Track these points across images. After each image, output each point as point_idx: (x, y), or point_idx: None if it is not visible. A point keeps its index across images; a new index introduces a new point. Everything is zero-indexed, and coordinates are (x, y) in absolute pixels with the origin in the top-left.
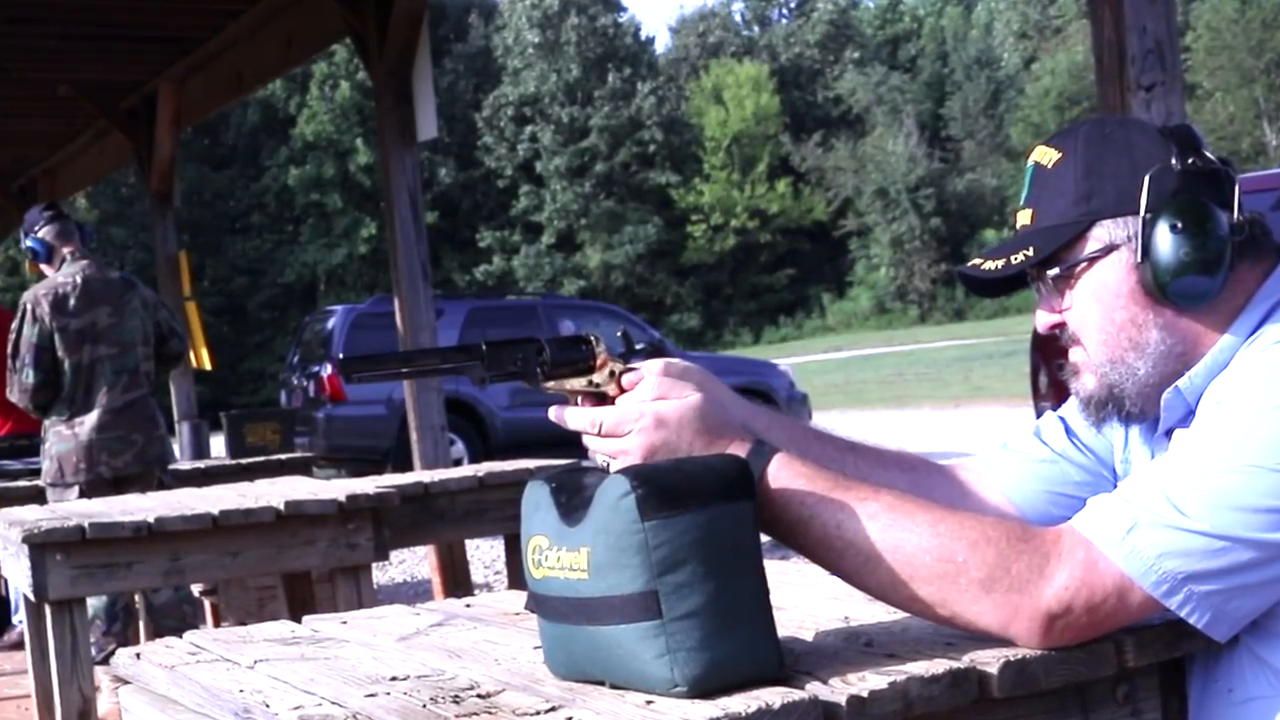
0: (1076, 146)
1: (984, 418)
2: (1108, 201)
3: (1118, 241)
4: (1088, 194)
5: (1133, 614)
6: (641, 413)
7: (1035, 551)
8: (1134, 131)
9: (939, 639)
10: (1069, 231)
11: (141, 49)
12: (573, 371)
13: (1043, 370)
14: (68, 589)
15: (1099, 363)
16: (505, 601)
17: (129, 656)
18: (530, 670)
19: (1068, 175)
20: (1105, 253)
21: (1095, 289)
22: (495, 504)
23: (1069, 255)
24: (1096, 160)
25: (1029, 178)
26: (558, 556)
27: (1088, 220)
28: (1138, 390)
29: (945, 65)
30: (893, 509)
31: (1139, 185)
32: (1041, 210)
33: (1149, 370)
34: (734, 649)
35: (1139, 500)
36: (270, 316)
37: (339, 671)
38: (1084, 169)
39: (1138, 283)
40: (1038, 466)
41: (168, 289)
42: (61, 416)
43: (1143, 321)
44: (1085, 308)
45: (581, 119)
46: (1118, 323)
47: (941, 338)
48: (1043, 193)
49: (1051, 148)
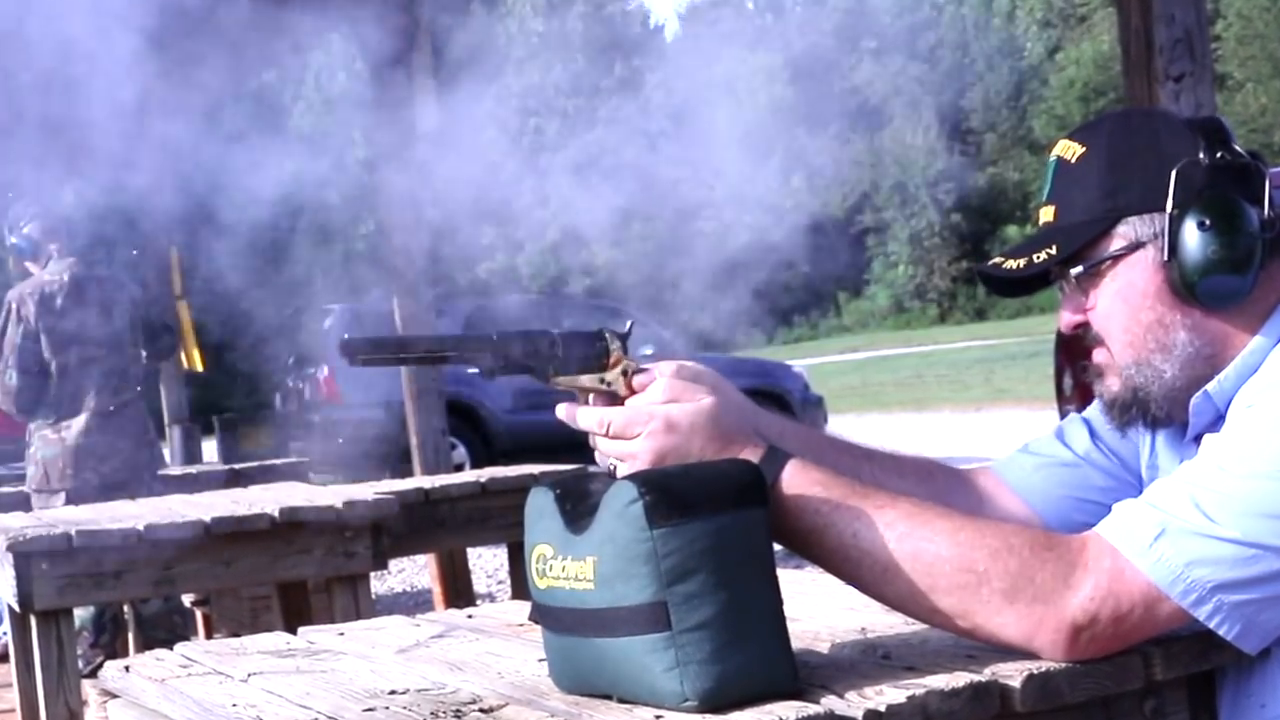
0: (1101, 140)
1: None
2: (1133, 198)
3: (1144, 239)
4: (1112, 190)
5: (1160, 625)
6: (652, 415)
7: (1060, 560)
8: (1160, 124)
9: (959, 651)
10: (1093, 229)
11: None
12: (585, 368)
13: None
14: (54, 599)
15: (1124, 365)
16: (508, 612)
17: (118, 669)
18: (534, 684)
19: (1091, 170)
20: (1131, 250)
21: (1120, 288)
22: (498, 511)
23: (1093, 253)
24: (1121, 155)
25: (1051, 173)
26: (563, 566)
27: (1112, 217)
28: (1164, 393)
29: (966, 55)
30: (911, 517)
31: (1166, 180)
32: (1064, 207)
33: (1176, 373)
34: (746, 661)
35: (1167, 507)
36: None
37: (336, 685)
38: (1108, 164)
39: (1164, 282)
40: (1060, 470)
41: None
42: (48, 420)
43: (1170, 322)
44: (1110, 307)
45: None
46: (1144, 323)
47: (962, 338)
48: (1065, 188)
49: (1075, 142)
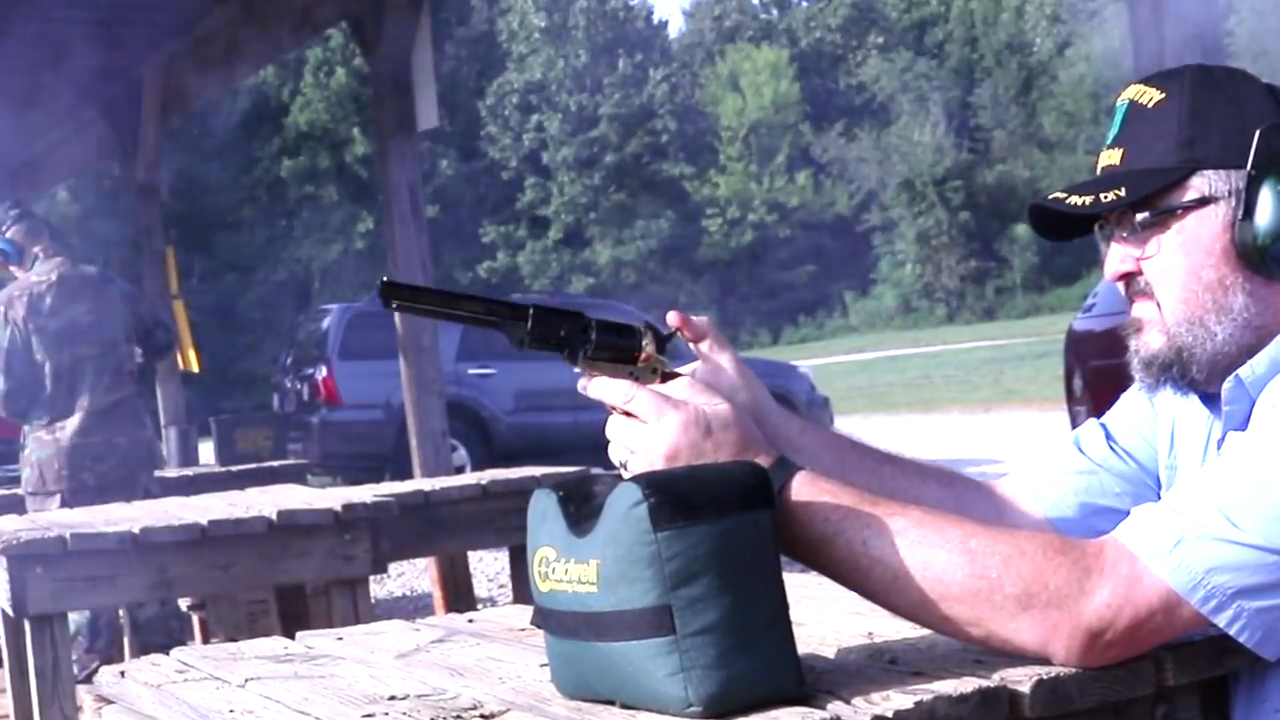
0: (1183, 88)
1: (1015, 422)
2: (1212, 151)
3: (1217, 194)
4: (1191, 140)
5: (1178, 631)
6: (679, 406)
7: (1075, 565)
8: (1242, 83)
9: (967, 656)
10: (1168, 177)
11: (126, 32)
12: (615, 357)
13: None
14: (48, 603)
15: (1174, 321)
16: (510, 616)
17: (113, 675)
18: (536, 689)
19: (1170, 117)
20: (1201, 204)
21: (1185, 241)
22: (499, 514)
23: (1162, 201)
24: (1203, 105)
25: (1121, 115)
26: (565, 569)
27: (1189, 167)
28: (1209, 357)
29: (974, 50)
30: (922, 525)
31: (1248, 139)
32: (1135, 151)
33: (1226, 337)
34: (751, 666)
35: (1187, 511)
36: (262, 316)
37: (334, 691)
38: (1189, 113)
39: (1231, 242)
40: (1075, 479)
41: (154, 286)
42: (41, 421)
43: (1231, 284)
44: (1170, 260)
45: (591, 107)
46: (1204, 280)
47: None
48: (1138, 132)
49: (1153, 87)
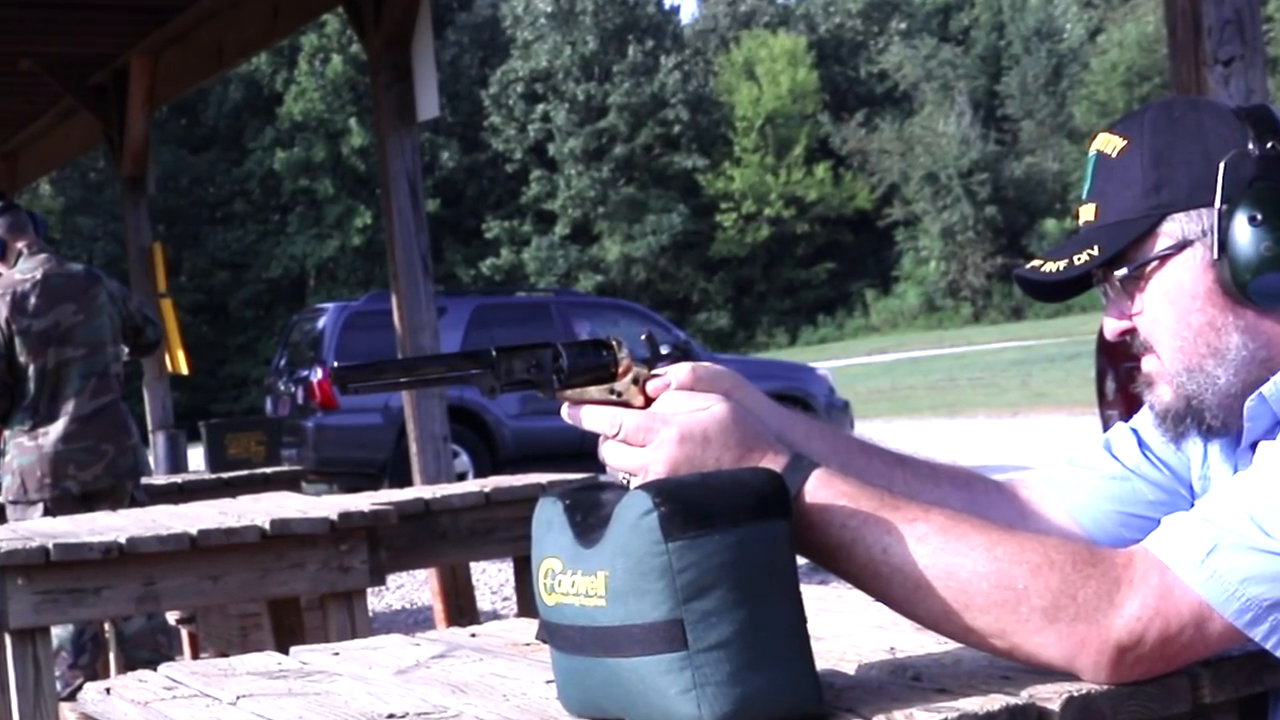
0: (1142, 133)
1: (1045, 427)
2: (1179, 193)
3: (1191, 237)
4: (1156, 185)
5: (1211, 645)
6: (665, 422)
7: (1104, 576)
8: (1205, 114)
9: (994, 672)
10: (1137, 227)
11: (111, 19)
12: (593, 379)
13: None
14: (30, 617)
15: (1175, 372)
16: (514, 631)
17: (98, 692)
18: (542, 707)
19: (1134, 165)
20: (1178, 250)
21: (1168, 290)
22: (503, 523)
23: (1138, 253)
24: (1166, 147)
25: (1091, 169)
26: (572, 581)
27: (1158, 214)
28: (1219, 401)
29: (1001, 37)
30: (945, 531)
31: (1213, 173)
32: (1106, 204)
33: (1230, 378)
34: (768, 683)
35: (1220, 520)
36: (254, 315)
37: (330, 708)
38: (1152, 157)
39: (1215, 281)
40: (1107, 484)
41: (141, 284)
42: (23, 426)
43: (1222, 325)
44: (1158, 311)
45: (599, 96)
46: (1194, 327)
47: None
48: (1107, 185)
49: (1116, 135)
